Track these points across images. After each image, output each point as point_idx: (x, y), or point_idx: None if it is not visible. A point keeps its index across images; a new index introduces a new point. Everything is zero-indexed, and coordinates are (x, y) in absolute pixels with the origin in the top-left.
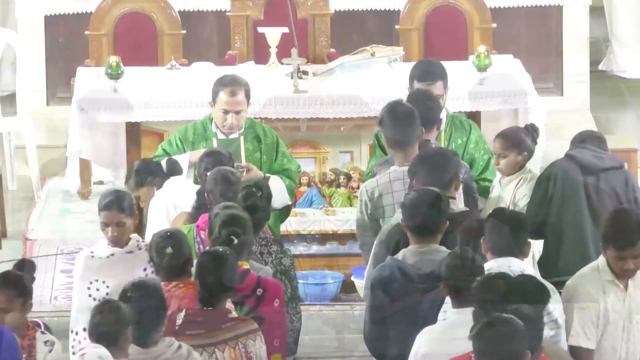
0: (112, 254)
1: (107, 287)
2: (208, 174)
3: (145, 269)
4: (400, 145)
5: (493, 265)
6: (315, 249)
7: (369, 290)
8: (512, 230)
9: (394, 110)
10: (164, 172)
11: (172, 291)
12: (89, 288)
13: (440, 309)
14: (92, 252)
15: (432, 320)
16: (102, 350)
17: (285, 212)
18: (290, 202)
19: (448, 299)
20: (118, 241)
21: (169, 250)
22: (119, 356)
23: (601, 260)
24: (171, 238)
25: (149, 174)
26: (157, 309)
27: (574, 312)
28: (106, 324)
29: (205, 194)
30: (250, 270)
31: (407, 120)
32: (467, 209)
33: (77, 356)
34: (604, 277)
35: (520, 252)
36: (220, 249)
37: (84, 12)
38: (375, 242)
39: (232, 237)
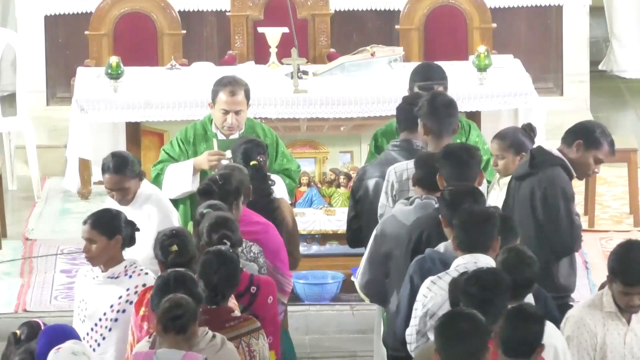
0: (97, 277)
1: (87, 309)
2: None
3: (120, 297)
4: (436, 134)
5: (460, 261)
6: (315, 249)
7: (407, 282)
8: (479, 227)
9: (435, 99)
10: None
11: None
12: (78, 306)
13: None
14: (85, 272)
15: None
16: (77, 345)
17: None
18: (290, 202)
19: (419, 296)
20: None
21: (174, 248)
22: (184, 347)
23: (605, 292)
24: (176, 236)
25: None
26: (193, 298)
27: (571, 342)
28: (180, 309)
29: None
30: (242, 269)
31: (447, 110)
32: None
33: (53, 351)
34: (607, 309)
35: (489, 248)
36: (224, 248)
37: (84, 12)
38: (374, 234)
39: (225, 240)
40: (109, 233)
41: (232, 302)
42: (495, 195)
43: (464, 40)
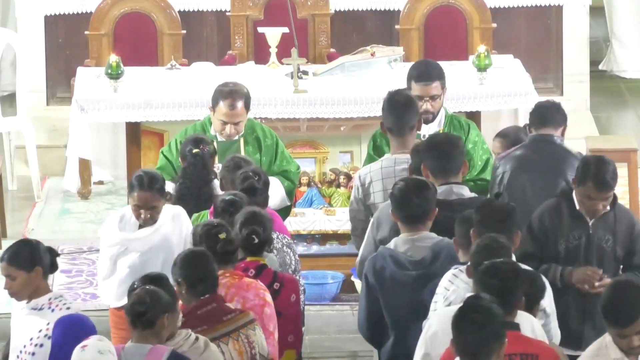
0: (23, 307)
1: (12, 341)
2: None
3: (40, 330)
4: (395, 133)
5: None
6: (315, 249)
7: (363, 280)
8: (499, 222)
9: (392, 98)
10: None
11: (219, 280)
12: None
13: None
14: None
15: (427, 306)
16: (102, 342)
17: (284, 213)
18: (289, 204)
19: (440, 289)
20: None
21: (222, 235)
22: (152, 341)
23: (608, 337)
24: (222, 225)
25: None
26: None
27: None
28: (143, 305)
29: (220, 180)
30: (266, 266)
31: (404, 108)
32: (477, 196)
33: (78, 348)
34: (613, 356)
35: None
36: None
37: (84, 12)
38: (371, 221)
39: (253, 236)
40: (28, 266)
41: (269, 297)
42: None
43: (464, 40)
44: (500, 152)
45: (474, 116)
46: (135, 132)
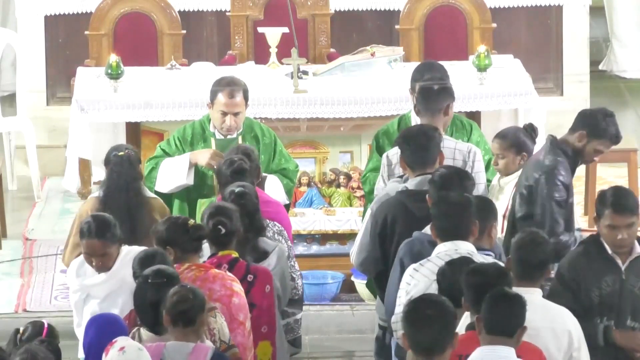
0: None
1: None
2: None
3: None
4: (426, 112)
5: (442, 249)
6: (315, 249)
7: (397, 265)
8: (456, 215)
9: (423, 77)
10: None
11: (185, 274)
12: None
13: None
14: None
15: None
16: (132, 341)
17: None
18: (288, 202)
19: (402, 284)
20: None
21: (191, 222)
22: (193, 339)
23: None
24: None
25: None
26: None
27: None
28: (186, 303)
29: (217, 175)
30: (239, 259)
31: (435, 88)
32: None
33: (115, 350)
34: None
35: (468, 234)
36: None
37: (84, 12)
38: (369, 212)
39: (219, 227)
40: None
41: (238, 287)
42: (496, 195)
43: (464, 40)
44: (499, 153)
45: (474, 116)
46: (135, 132)
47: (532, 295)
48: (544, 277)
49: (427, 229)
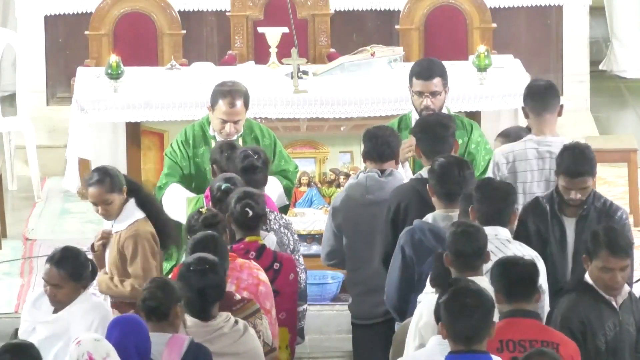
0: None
1: None
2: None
3: None
4: (537, 114)
5: None
6: (315, 249)
7: (398, 252)
8: (499, 201)
9: (533, 84)
10: None
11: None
12: None
13: None
14: None
15: None
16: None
17: (283, 212)
18: (287, 203)
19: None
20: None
21: (204, 210)
22: (169, 330)
23: None
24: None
25: None
26: (218, 283)
27: None
28: (155, 300)
29: (211, 165)
30: (266, 246)
31: (546, 92)
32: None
33: (73, 344)
34: None
35: (507, 221)
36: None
37: (84, 12)
38: (330, 208)
39: (247, 209)
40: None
41: (264, 276)
42: None
43: (464, 40)
44: None
45: (474, 116)
46: (135, 132)
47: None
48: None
49: (429, 217)
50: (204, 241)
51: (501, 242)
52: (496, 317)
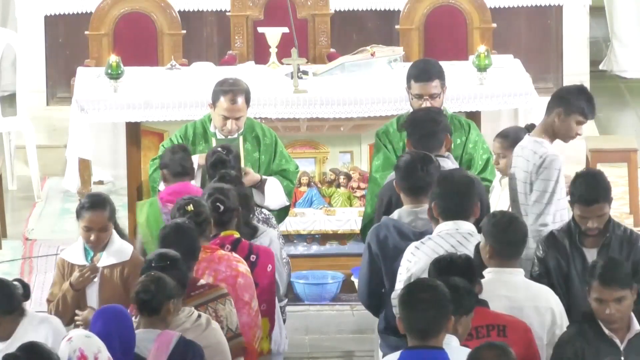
0: None
1: None
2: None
3: None
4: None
5: (443, 227)
6: (315, 249)
7: (365, 249)
8: (460, 195)
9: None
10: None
11: None
12: None
13: None
14: None
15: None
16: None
17: (283, 212)
18: (288, 203)
19: (403, 261)
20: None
21: (190, 207)
22: (160, 326)
23: None
24: (192, 199)
25: None
26: (178, 278)
27: None
28: (147, 293)
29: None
30: (242, 239)
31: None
32: (459, 168)
33: (64, 341)
34: None
35: (470, 214)
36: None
37: (84, 12)
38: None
39: (218, 204)
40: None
41: (244, 267)
42: (497, 194)
43: (464, 40)
44: (500, 152)
45: (474, 116)
46: (135, 132)
47: (516, 276)
48: (521, 254)
49: (395, 214)
50: (170, 233)
51: (463, 237)
52: None
